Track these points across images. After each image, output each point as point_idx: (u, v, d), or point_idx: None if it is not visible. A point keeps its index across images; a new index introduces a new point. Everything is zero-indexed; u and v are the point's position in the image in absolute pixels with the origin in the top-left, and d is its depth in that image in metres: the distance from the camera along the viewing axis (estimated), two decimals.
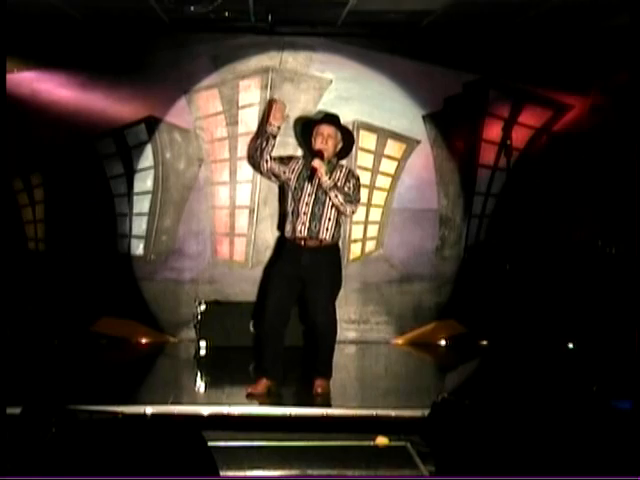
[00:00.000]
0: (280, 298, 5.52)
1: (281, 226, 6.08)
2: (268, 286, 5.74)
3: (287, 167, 5.65)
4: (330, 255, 5.54)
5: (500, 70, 7.04)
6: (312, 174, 5.43)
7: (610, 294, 6.60)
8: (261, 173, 5.99)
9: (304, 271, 5.45)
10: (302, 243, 5.47)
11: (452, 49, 6.99)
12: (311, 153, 5.58)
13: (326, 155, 5.48)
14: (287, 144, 6.97)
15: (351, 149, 5.79)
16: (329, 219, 5.45)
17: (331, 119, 5.64)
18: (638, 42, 5.41)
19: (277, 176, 5.72)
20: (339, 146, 5.59)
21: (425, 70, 7.03)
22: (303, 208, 5.45)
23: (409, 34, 6.87)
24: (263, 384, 5.51)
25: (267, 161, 5.61)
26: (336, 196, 5.37)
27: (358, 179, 5.57)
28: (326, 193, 5.41)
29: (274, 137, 5.61)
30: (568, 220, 7.13)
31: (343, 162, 5.73)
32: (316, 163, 5.38)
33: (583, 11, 6.13)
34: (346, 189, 5.44)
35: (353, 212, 5.58)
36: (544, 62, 6.93)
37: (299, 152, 7.02)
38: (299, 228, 5.45)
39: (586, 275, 6.93)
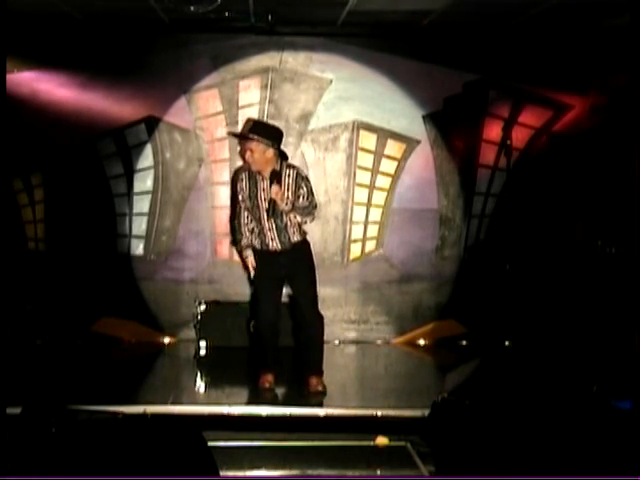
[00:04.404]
0: (270, 299, 5.61)
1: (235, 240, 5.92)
2: (256, 292, 5.85)
3: (242, 199, 5.51)
4: (304, 250, 5.61)
5: (500, 70, 7.04)
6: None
7: (610, 294, 6.59)
8: None
9: (284, 269, 5.55)
10: (278, 251, 5.53)
11: (452, 49, 6.99)
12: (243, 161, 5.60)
13: (255, 167, 5.40)
14: (287, 144, 6.96)
15: (284, 154, 5.55)
16: (292, 224, 5.49)
17: (251, 131, 5.44)
18: (638, 42, 5.40)
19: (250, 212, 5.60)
20: (270, 151, 5.37)
21: (425, 70, 7.03)
22: (266, 224, 5.47)
23: (409, 34, 6.87)
24: (272, 376, 5.63)
25: (252, 232, 5.59)
26: (295, 217, 5.45)
27: (308, 180, 5.54)
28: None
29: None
30: (568, 220, 7.13)
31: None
32: (274, 193, 5.32)
33: (583, 11, 6.13)
34: (301, 199, 5.42)
35: (313, 219, 5.64)
36: (544, 62, 6.93)
37: (298, 151, 7.06)
38: (271, 244, 5.50)
39: (586, 275, 6.92)
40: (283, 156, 5.53)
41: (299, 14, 6.49)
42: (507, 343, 7.02)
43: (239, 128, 7.01)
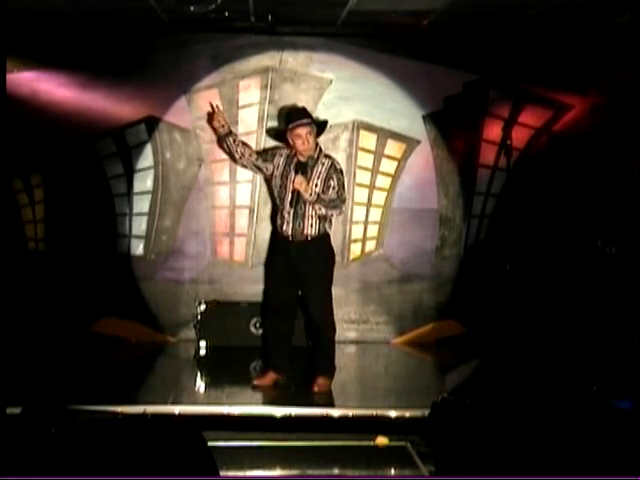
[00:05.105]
0: (277, 292, 5.60)
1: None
2: (266, 282, 5.81)
3: (270, 163, 5.60)
4: (318, 247, 5.52)
5: (500, 70, 7.04)
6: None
7: (610, 294, 6.59)
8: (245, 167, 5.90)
9: (294, 264, 5.49)
10: (290, 239, 5.49)
11: (452, 49, 6.98)
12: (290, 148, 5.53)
13: (309, 154, 5.43)
14: None
15: (324, 126, 5.66)
16: (312, 216, 5.43)
17: (301, 117, 5.46)
18: (638, 42, 5.40)
19: (259, 169, 5.70)
20: (314, 133, 5.46)
21: (425, 70, 7.03)
22: (287, 207, 5.45)
23: (409, 34, 6.87)
24: (270, 377, 5.62)
25: (242, 156, 5.62)
26: (320, 209, 5.36)
27: (342, 173, 5.50)
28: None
29: (229, 135, 5.62)
30: (568, 220, 7.13)
31: (323, 148, 5.63)
32: (297, 183, 5.34)
33: (583, 10, 6.13)
34: (330, 191, 5.40)
35: (340, 213, 5.59)
36: (544, 62, 6.93)
37: None
38: (284, 227, 5.48)
39: (586, 275, 6.92)
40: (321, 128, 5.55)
41: (299, 14, 6.49)
42: (506, 343, 7.02)
43: (239, 128, 7.01)
